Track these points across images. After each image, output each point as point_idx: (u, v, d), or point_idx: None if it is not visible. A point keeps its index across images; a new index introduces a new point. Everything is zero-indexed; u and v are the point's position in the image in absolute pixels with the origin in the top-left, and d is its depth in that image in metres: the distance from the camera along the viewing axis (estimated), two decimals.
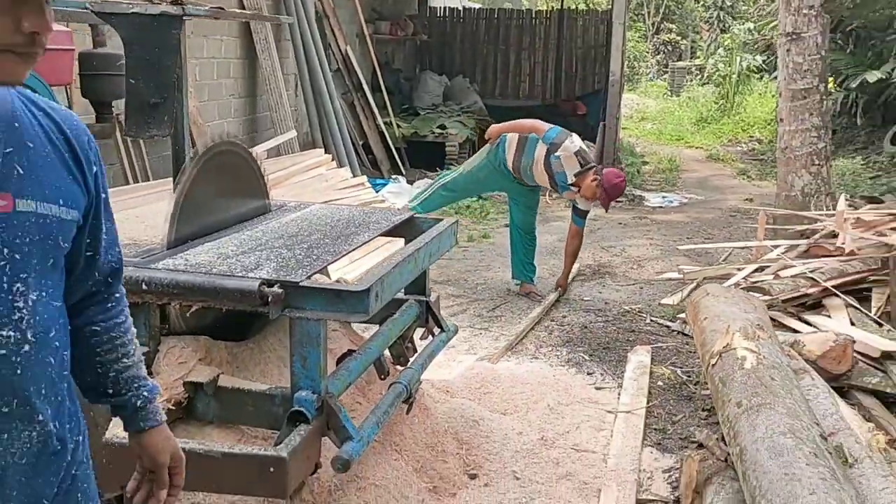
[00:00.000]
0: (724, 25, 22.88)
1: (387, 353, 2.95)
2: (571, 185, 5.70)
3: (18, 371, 1.20)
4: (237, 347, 2.66)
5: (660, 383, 4.26)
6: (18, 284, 1.19)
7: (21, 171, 1.19)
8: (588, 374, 4.43)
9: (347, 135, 9.57)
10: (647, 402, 3.94)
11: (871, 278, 5.51)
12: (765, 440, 2.60)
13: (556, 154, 5.64)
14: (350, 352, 2.68)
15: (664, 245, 7.97)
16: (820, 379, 3.55)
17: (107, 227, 1.40)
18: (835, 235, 5.98)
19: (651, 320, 5.50)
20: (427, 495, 2.95)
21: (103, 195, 1.37)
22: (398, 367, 3.04)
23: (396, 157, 10.58)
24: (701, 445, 3.14)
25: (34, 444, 1.25)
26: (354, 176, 6.63)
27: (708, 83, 20.81)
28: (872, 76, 11.01)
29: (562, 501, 3.09)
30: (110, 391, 1.46)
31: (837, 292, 5.16)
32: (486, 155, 6.00)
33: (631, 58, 22.36)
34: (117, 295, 1.48)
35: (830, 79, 13.52)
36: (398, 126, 11.06)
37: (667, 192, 11.03)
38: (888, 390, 3.93)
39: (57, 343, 1.26)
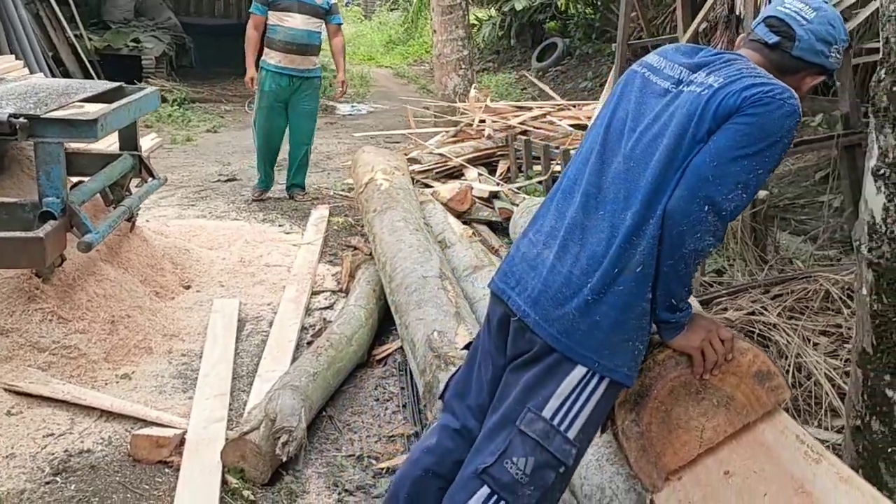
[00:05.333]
0: None
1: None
2: None
3: None
4: None
5: (335, 227, 5.49)
6: None
7: None
8: (279, 226, 5.55)
9: (37, 46, 9.50)
10: (324, 237, 5.15)
11: (498, 153, 7.22)
12: (387, 225, 3.91)
13: None
14: None
15: (351, 143, 9.23)
16: (440, 206, 4.99)
17: None
18: (475, 122, 7.63)
19: (334, 193, 6.73)
20: (152, 297, 3.88)
21: None
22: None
23: (91, 70, 10.63)
24: (355, 248, 4.42)
25: None
26: None
27: (396, 8, 22.41)
28: (519, 4, 13.06)
29: (256, 297, 4.20)
30: None
31: (467, 164, 6.77)
32: (261, 86, 5.94)
33: None
34: None
35: (493, 6, 15.63)
36: (90, 39, 11.02)
37: (356, 103, 12.33)
38: (493, 219, 5.55)
39: None
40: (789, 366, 3.12)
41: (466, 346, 2.08)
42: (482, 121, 7.57)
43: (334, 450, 2.91)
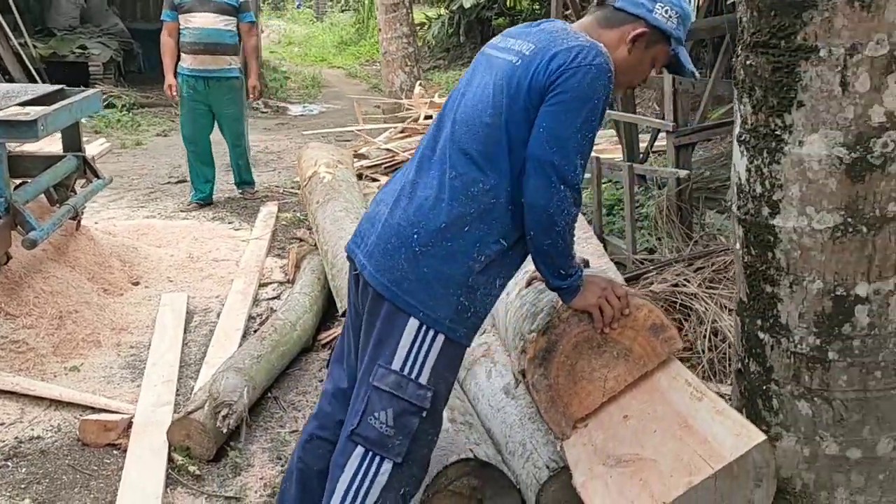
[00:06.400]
0: None
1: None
2: None
3: None
4: None
5: (283, 223, 5.61)
6: None
7: None
8: (228, 223, 5.65)
9: None
10: (273, 232, 5.26)
11: None
12: (329, 215, 4.06)
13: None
14: None
15: (302, 142, 9.32)
16: None
17: None
18: (420, 118, 7.80)
19: (284, 191, 6.84)
20: (101, 293, 3.98)
21: None
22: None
23: (37, 77, 10.56)
24: (300, 240, 4.55)
25: None
26: None
27: (348, 9, 22.50)
28: (467, 1, 13.27)
29: (205, 291, 4.31)
30: None
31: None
32: (180, 93, 5.94)
33: None
34: None
35: (441, 4, 15.83)
36: (34, 46, 10.95)
37: (308, 104, 12.41)
38: None
39: None
40: (706, 330, 3.33)
41: (344, 314, 2.21)
42: (428, 116, 7.74)
43: (278, 427, 3.05)
